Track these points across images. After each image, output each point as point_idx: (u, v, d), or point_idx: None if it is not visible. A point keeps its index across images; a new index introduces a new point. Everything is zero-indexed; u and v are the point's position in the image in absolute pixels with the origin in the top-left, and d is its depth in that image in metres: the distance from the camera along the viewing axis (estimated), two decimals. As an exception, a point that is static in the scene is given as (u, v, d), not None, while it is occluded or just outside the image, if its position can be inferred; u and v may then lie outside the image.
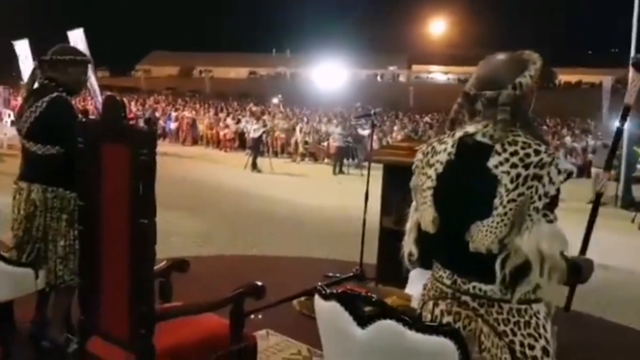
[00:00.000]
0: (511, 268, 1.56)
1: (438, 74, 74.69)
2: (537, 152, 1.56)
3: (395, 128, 19.75)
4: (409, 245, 1.84)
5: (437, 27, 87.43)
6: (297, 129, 17.95)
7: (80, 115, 2.71)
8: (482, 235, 1.57)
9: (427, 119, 24.80)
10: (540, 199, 1.54)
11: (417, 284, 1.87)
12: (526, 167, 1.55)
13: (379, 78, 71.42)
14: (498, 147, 1.58)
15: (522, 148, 1.57)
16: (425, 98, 39.63)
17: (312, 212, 8.95)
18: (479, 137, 1.63)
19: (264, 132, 14.98)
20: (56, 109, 2.95)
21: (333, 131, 16.29)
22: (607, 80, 17.17)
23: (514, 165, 1.55)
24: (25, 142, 3.05)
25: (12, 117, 15.56)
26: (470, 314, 1.62)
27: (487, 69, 1.70)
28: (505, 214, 1.55)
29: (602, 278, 5.65)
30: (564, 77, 62.52)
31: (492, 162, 1.57)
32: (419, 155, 1.79)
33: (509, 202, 1.55)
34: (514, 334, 1.59)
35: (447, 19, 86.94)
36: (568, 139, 18.76)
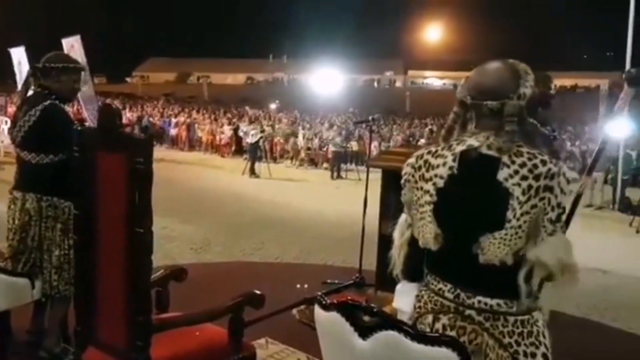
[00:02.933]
0: (538, 281, 1.58)
1: (434, 80, 74.86)
2: (544, 163, 1.55)
3: (395, 133, 19.74)
4: (398, 262, 1.83)
5: (433, 32, 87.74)
6: (300, 134, 17.94)
7: (76, 123, 2.70)
8: (494, 248, 1.56)
9: (427, 127, 24.82)
10: (553, 209, 1.55)
11: (404, 297, 1.85)
12: (536, 178, 1.54)
13: (375, 84, 71.53)
14: (505, 159, 1.56)
15: (529, 159, 1.56)
16: (421, 103, 39.69)
17: (311, 217, 8.93)
18: (483, 150, 1.60)
19: (261, 137, 14.97)
20: (50, 117, 2.93)
21: (331, 137, 16.33)
22: (604, 84, 17.25)
23: (524, 177, 1.54)
24: (19, 151, 3.02)
25: (9, 125, 15.50)
26: (476, 328, 1.61)
27: (488, 78, 1.66)
28: (520, 226, 1.55)
29: (600, 282, 5.66)
30: (560, 81, 62.68)
31: (502, 175, 1.55)
32: (408, 169, 1.75)
33: (522, 214, 1.54)
34: (518, 345, 1.59)
35: (443, 24, 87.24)
36: (567, 144, 18.70)
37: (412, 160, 1.75)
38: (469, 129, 1.69)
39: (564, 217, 1.60)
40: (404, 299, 1.84)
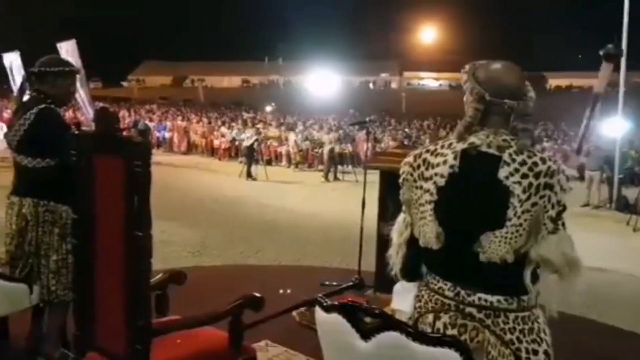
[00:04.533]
0: (546, 278, 1.61)
1: (429, 81, 74.99)
2: (543, 161, 1.56)
3: (387, 135, 19.72)
4: (397, 261, 1.82)
5: (428, 34, 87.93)
6: (291, 136, 17.94)
7: (72, 127, 2.68)
8: (495, 246, 1.57)
9: (423, 123, 24.79)
10: (553, 207, 1.56)
11: (402, 298, 1.84)
12: (536, 176, 1.55)
13: (371, 85, 71.63)
14: (506, 157, 1.57)
15: (529, 157, 1.57)
16: (417, 104, 39.76)
17: (308, 219, 8.92)
18: (483, 148, 1.61)
19: (256, 139, 14.95)
20: (45, 121, 2.91)
21: (326, 138, 16.33)
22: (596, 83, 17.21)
23: (524, 176, 1.55)
24: (16, 155, 3.00)
25: (5, 130, 15.43)
26: (477, 325, 1.61)
27: (508, 77, 1.67)
28: (521, 224, 1.55)
29: (598, 280, 5.67)
30: (555, 81, 62.82)
31: (503, 173, 1.56)
32: (406, 168, 1.74)
33: (523, 212, 1.55)
34: (520, 342, 1.60)
35: (438, 25, 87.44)
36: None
37: (409, 159, 1.75)
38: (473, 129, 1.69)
39: (565, 214, 1.61)
40: (403, 299, 1.83)
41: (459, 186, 1.62)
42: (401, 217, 1.82)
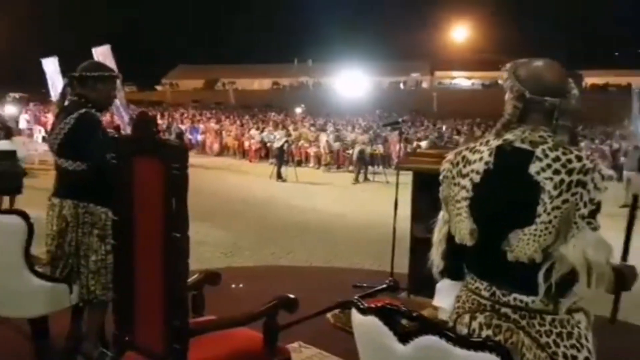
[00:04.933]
0: (557, 278, 1.53)
1: (461, 80, 74.03)
2: (579, 158, 1.53)
3: (417, 135, 19.59)
4: (436, 258, 1.81)
5: (459, 32, 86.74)
6: (323, 137, 17.98)
7: (112, 131, 2.74)
8: (523, 244, 1.54)
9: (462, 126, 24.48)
10: (585, 205, 1.51)
11: (445, 295, 1.84)
12: (569, 173, 1.51)
13: (401, 85, 71.14)
14: (539, 152, 1.54)
15: (564, 154, 1.54)
16: (448, 104, 39.37)
17: (339, 220, 8.91)
18: (517, 144, 1.60)
19: (286, 141, 15.01)
20: (84, 125, 2.97)
21: (360, 139, 16.31)
22: (635, 81, 16.78)
23: (556, 172, 1.51)
24: (57, 158, 3.08)
25: (43, 133, 15.86)
26: (511, 326, 1.58)
27: (549, 75, 1.65)
28: (550, 221, 1.51)
29: (636, 283, 5.50)
30: (591, 79, 61.20)
31: (534, 168, 1.53)
32: (447, 165, 1.76)
33: (553, 209, 1.51)
34: (557, 346, 1.56)
35: (469, 24, 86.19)
36: (582, 144, 18.12)
37: (450, 156, 1.76)
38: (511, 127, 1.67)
39: (599, 215, 1.55)
40: (445, 296, 1.83)
41: (493, 182, 1.62)
42: (441, 214, 1.83)
